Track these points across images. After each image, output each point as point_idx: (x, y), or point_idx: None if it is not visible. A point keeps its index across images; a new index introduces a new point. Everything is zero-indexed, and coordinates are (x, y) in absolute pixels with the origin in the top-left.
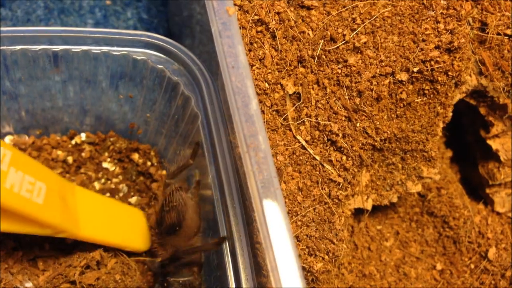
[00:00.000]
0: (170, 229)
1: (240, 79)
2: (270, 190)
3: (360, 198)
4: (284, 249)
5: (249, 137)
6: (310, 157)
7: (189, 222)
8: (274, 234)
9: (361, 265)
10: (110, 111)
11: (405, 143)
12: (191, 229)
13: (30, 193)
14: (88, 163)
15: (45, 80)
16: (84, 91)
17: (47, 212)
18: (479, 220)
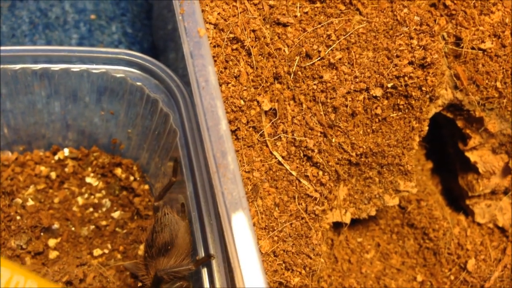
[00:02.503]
0: (162, 248)
1: (210, 99)
2: (239, 210)
3: (338, 212)
4: (252, 268)
5: (219, 157)
6: (287, 172)
7: (181, 241)
8: (242, 253)
9: (341, 278)
10: (92, 126)
11: (381, 157)
12: (183, 249)
13: None
14: (72, 178)
15: (29, 96)
16: (67, 107)
17: None
18: (458, 231)
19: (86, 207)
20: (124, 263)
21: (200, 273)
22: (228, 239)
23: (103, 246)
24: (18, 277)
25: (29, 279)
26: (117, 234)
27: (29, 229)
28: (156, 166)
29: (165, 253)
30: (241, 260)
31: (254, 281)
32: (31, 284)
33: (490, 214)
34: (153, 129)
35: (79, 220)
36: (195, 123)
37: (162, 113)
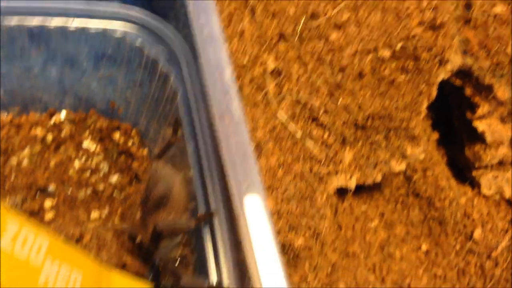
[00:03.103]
0: (158, 202)
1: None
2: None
3: (343, 177)
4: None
5: (223, 106)
6: (291, 133)
7: (177, 195)
8: (249, 203)
9: (345, 245)
10: (90, 91)
11: (389, 121)
12: (180, 203)
13: (66, 283)
14: (68, 142)
15: (25, 60)
16: (64, 72)
17: None
18: (465, 201)
19: (83, 171)
20: (122, 226)
21: (201, 230)
22: (232, 191)
23: (101, 209)
24: (26, 232)
25: (39, 234)
26: (114, 198)
27: (25, 188)
28: (155, 130)
29: (162, 206)
30: (247, 210)
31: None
32: (41, 240)
33: (497, 185)
34: (153, 91)
35: (76, 183)
36: (196, 81)
37: (162, 73)
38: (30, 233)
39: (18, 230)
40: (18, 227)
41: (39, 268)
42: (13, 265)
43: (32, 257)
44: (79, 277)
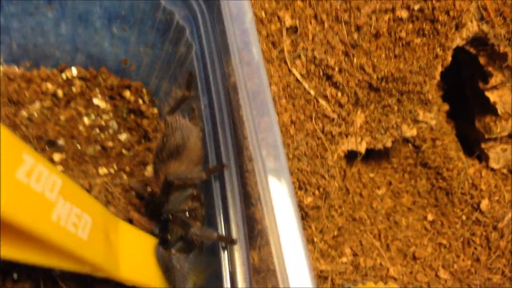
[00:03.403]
0: (173, 152)
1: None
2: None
3: (353, 140)
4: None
5: (242, 49)
6: (305, 91)
7: (193, 146)
8: (267, 151)
9: (351, 210)
10: (103, 49)
11: (402, 84)
12: (195, 155)
13: (76, 227)
14: (78, 99)
15: (37, 17)
16: (77, 30)
17: (91, 249)
18: (473, 172)
19: (92, 128)
20: (130, 182)
21: (211, 185)
22: (251, 136)
23: (109, 166)
24: (42, 168)
25: (53, 172)
26: (123, 156)
27: (35, 140)
28: (166, 90)
29: (176, 156)
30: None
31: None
32: (55, 178)
33: (505, 159)
34: (167, 46)
35: (85, 139)
36: (212, 37)
37: (177, 30)
38: (45, 170)
39: (34, 164)
40: (34, 161)
41: (53, 204)
42: (29, 196)
43: (47, 192)
44: (89, 221)
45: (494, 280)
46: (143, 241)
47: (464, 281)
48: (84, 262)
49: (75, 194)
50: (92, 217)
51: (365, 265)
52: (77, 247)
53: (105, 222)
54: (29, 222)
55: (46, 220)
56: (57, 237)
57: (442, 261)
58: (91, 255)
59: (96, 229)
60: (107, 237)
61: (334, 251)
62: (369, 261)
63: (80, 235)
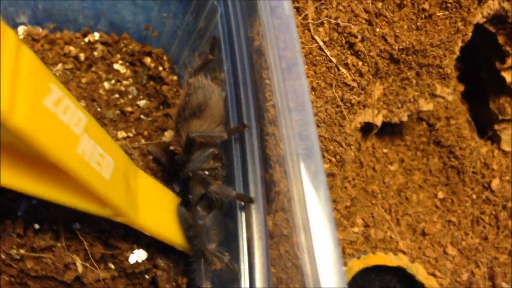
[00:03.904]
0: (196, 110)
1: None
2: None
3: (371, 112)
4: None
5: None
6: (327, 59)
7: (215, 105)
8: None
9: (364, 183)
10: (125, 16)
11: (422, 57)
12: (216, 114)
13: (99, 165)
14: (100, 63)
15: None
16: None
17: (112, 189)
18: (486, 152)
19: (112, 93)
20: (148, 146)
21: (232, 145)
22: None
23: (128, 130)
24: (68, 102)
25: (79, 108)
26: (141, 120)
27: None
28: (186, 58)
29: (198, 115)
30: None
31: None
32: (81, 114)
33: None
34: (190, 15)
35: (105, 103)
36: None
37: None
38: (71, 104)
39: (61, 96)
40: (62, 93)
41: (78, 138)
42: (56, 125)
43: (73, 126)
44: (111, 163)
45: (501, 259)
46: (163, 194)
47: (471, 259)
48: (106, 202)
49: (99, 135)
50: (115, 160)
51: (376, 236)
52: (100, 185)
53: (126, 168)
54: (55, 150)
55: (71, 151)
56: (81, 170)
57: (451, 238)
58: (113, 195)
59: (117, 173)
60: (127, 182)
61: (346, 220)
62: (379, 233)
63: (103, 174)
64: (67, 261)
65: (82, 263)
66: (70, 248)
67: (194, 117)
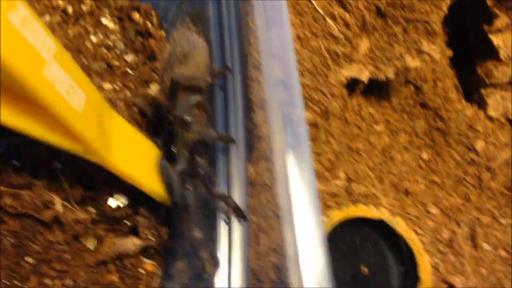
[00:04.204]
0: (180, 58)
1: None
2: None
3: (357, 67)
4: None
5: None
6: (313, 9)
7: (199, 53)
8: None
9: (349, 140)
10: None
11: (409, 12)
12: (201, 61)
13: (70, 96)
14: (87, 17)
15: None
16: None
17: (84, 123)
18: (471, 114)
19: (99, 46)
20: (134, 98)
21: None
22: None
23: (114, 82)
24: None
25: (50, 37)
26: (128, 74)
27: None
28: (174, 14)
29: (183, 61)
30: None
31: None
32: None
33: (504, 107)
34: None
35: (92, 56)
36: None
37: None
38: (40, 29)
39: (29, 17)
40: (29, 15)
41: (47, 63)
42: (23, 44)
43: (41, 50)
44: (83, 97)
45: (483, 220)
46: (141, 141)
47: (452, 218)
48: (76, 134)
49: (71, 67)
50: (87, 95)
51: (358, 191)
52: (70, 116)
53: (100, 107)
54: (22, 70)
55: (38, 73)
56: (50, 97)
57: (433, 197)
58: (84, 129)
59: (89, 108)
60: (100, 121)
61: (329, 173)
62: (362, 188)
63: (73, 105)
64: (46, 198)
65: (61, 202)
66: (50, 187)
67: (179, 63)
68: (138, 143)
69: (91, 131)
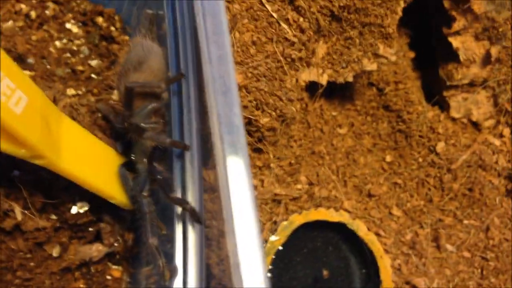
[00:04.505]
0: (135, 64)
1: None
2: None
3: (315, 71)
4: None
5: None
6: (268, 14)
7: (153, 58)
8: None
9: (311, 143)
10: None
11: (364, 16)
12: (155, 65)
13: (7, 97)
14: (51, 22)
15: None
16: None
17: (24, 125)
18: (432, 116)
19: (63, 51)
20: (97, 103)
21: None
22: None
23: (77, 88)
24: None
25: None
26: (92, 79)
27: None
28: (136, 18)
29: (138, 67)
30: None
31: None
32: None
33: (466, 108)
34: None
35: (56, 61)
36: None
37: None
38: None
39: None
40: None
41: None
42: None
43: None
44: (24, 99)
45: (446, 221)
46: (97, 145)
47: (415, 220)
48: (17, 138)
49: (9, 68)
50: (29, 97)
51: (320, 194)
52: (7, 117)
53: (45, 109)
54: None
55: None
56: None
57: (396, 199)
58: (25, 131)
59: (32, 110)
60: (46, 123)
61: (290, 177)
62: (324, 191)
63: (11, 106)
64: (5, 207)
65: (21, 210)
66: (9, 196)
67: (133, 71)
68: (93, 148)
69: (34, 134)
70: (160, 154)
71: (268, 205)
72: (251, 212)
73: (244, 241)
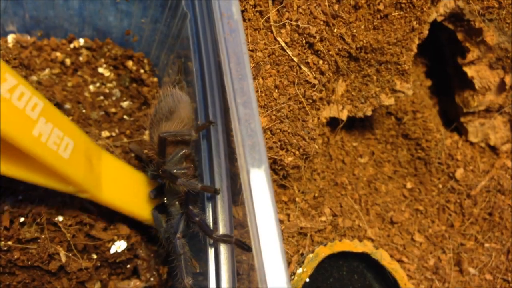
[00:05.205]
0: (166, 113)
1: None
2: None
3: (335, 107)
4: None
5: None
6: (288, 58)
7: (184, 109)
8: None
9: (334, 175)
10: (107, 22)
11: (380, 55)
12: (185, 114)
13: (57, 146)
14: (85, 67)
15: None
16: (85, 3)
17: (72, 167)
18: (450, 143)
19: (97, 95)
20: (129, 144)
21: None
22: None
23: (111, 130)
24: (24, 89)
25: (36, 95)
26: (124, 120)
27: None
28: (165, 59)
29: (168, 116)
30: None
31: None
32: (37, 100)
33: (483, 133)
34: (166, 16)
35: (90, 105)
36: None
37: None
38: (27, 91)
39: (16, 84)
40: (17, 82)
41: (34, 121)
42: (11, 109)
43: (28, 110)
44: (71, 144)
45: (467, 245)
46: (131, 174)
47: (438, 245)
48: (66, 179)
49: (57, 118)
50: (74, 141)
51: (344, 225)
52: (58, 163)
53: (88, 148)
54: (12, 132)
55: (27, 133)
56: (38, 151)
57: (418, 225)
58: (72, 173)
59: (77, 152)
60: (89, 161)
61: (314, 210)
62: (347, 221)
63: (61, 153)
64: (51, 251)
65: (65, 253)
66: (54, 240)
67: (164, 120)
68: (126, 175)
69: (80, 173)
70: (194, 197)
71: (294, 238)
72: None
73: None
